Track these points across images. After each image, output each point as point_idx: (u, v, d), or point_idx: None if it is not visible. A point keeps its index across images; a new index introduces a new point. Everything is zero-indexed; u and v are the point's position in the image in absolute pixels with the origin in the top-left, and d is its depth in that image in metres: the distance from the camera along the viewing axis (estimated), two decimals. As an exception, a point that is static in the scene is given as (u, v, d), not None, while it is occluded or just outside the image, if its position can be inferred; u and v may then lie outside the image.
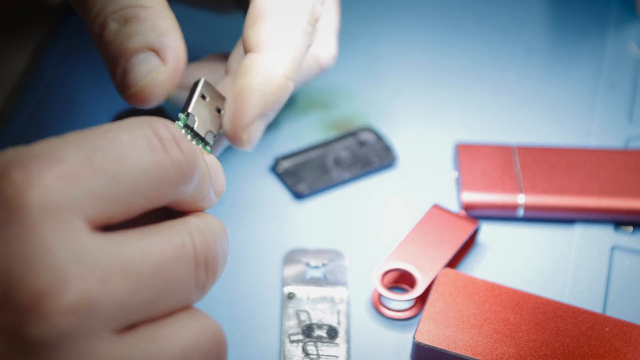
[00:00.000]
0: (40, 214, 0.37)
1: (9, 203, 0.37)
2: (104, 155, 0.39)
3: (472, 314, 0.51)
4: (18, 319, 0.36)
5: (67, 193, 0.38)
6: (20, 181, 0.37)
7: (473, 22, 0.69)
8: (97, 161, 0.38)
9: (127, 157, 0.39)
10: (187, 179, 0.41)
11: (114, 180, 0.39)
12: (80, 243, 0.38)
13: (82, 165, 0.38)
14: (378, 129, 0.62)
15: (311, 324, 0.53)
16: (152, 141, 0.40)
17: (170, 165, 0.40)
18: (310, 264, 0.55)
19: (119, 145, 0.39)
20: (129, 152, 0.39)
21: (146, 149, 0.40)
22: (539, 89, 0.65)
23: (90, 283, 0.37)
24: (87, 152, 0.39)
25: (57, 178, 0.38)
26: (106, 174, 0.38)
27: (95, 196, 0.38)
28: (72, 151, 0.38)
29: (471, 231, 0.56)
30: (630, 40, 0.67)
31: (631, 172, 0.58)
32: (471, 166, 0.59)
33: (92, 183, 0.38)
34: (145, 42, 0.48)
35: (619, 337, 0.51)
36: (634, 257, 0.56)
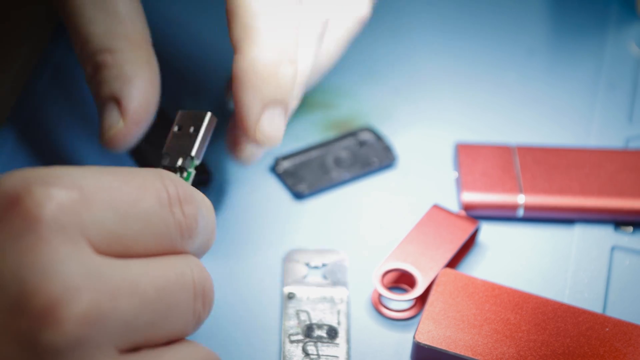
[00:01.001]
0: (55, 229, 0.38)
1: (27, 215, 0.38)
2: (119, 194, 0.40)
3: (472, 314, 0.51)
4: (31, 326, 0.37)
5: (80, 216, 0.39)
6: (41, 196, 0.38)
7: (473, 22, 0.69)
8: (112, 197, 0.40)
9: (138, 203, 0.41)
10: (185, 240, 0.42)
11: (122, 220, 0.40)
12: (91, 259, 0.39)
13: (98, 196, 0.40)
14: (378, 129, 0.62)
15: (311, 324, 0.53)
16: (162, 197, 0.42)
17: (172, 224, 0.42)
18: (310, 264, 0.55)
19: (133, 190, 0.41)
20: (140, 200, 0.41)
21: (155, 202, 0.41)
22: (539, 89, 0.65)
23: (100, 296, 0.38)
24: (104, 186, 0.40)
25: (74, 201, 0.39)
26: (117, 212, 0.40)
27: (104, 228, 0.40)
28: (91, 181, 0.40)
29: (471, 231, 0.56)
30: (631, 40, 0.67)
31: (631, 172, 0.58)
32: (471, 166, 0.59)
33: (104, 215, 0.40)
34: (110, 92, 0.50)
35: (619, 337, 0.51)
36: (634, 257, 0.56)
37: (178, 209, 0.42)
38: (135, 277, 0.40)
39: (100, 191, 0.40)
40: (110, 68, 0.50)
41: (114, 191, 0.40)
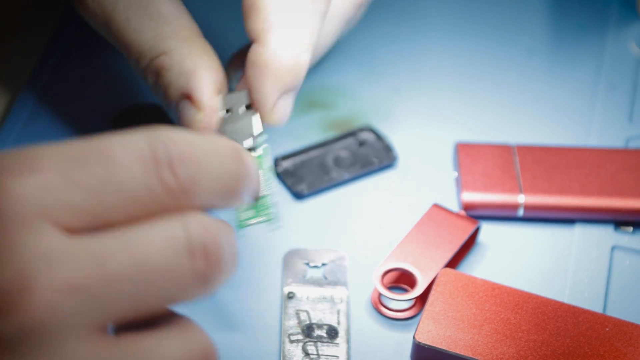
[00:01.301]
0: (11, 220, 0.37)
1: None
2: (88, 171, 0.38)
3: (472, 313, 0.51)
4: None
5: (40, 202, 0.37)
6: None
7: (473, 22, 0.69)
8: (78, 175, 0.38)
9: (114, 177, 0.39)
10: (180, 200, 0.40)
11: (93, 196, 0.38)
12: (50, 244, 0.37)
13: (61, 177, 0.38)
14: (378, 129, 0.62)
15: (311, 324, 0.53)
16: (146, 162, 0.39)
17: (159, 189, 0.39)
18: (310, 264, 0.55)
19: (109, 162, 0.39)
20: (117, 171, 0.39)
21: (137, 170, 0.39)
22: (539, 89, 0.65)
23: (60, 279, 0.37)
24: (70, 165, 0.38)
25: (34, 187, 0.37)
26: (86, 190, 0.38)
27: (72, 208, 0.38)
28: (53, 163, 0.38)
29: (471, 231, 0.56)
30: (631, 40, 0.67)
31: (631, 172, 0.58)
32: (471, 166, 0.59)
33: (69, 195, 0.38)
34: (178, 91, 0.50)
35: (619, 337, 0.51)
36: (634, 257, 0.56)
37: (167, 172, 0.39)
38: (106, 251, 0.38)
39: (66, 170, 0.38)
40: (170, 69, 0.50)
41: (85, 167, 0.38)
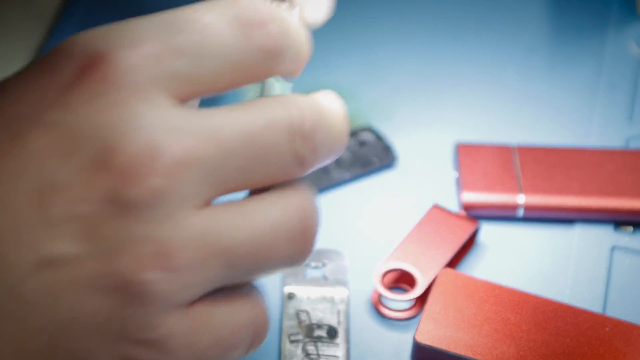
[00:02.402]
0: (132, 88, 0.38)
1: (103, 77, 0.38)
2: (186, 37, 0.40)
3: (472, 314, 0.51)
4: (115, 182, 0.38)
5: (152, 71, 0.39)
6: (114, 57, 0.38)
7: (473, 22, 0.69)
8: (179, 43, 0.39)
9: (209, 41, 0.40)
10: (274, 61, 0.41)
11: (195, 62, 0.39)
12: (169, 114, 0.39)
13: (165, 46, 0.39)
14: (378, 129, 0.62)
15: (311, 324, 0.53)
16: (235, 25, 0.40)
17: (255, 50, 0.40)
18: (310, 264, 0.55)
19: (202, 28, 0.40)
20: (212, 36, 0.40)
21: (228, 33, 0.40)
22: (539, 89, 0.65)
23: (182, 147, 0.38)
24: (170, 34, 0.40)
25: (143, 57, 0.39)
26: (188, 56, 0.39)
27: (179, 76, 0.39)
28: (155, 32, 0.40)
29: (471, 231, 0.56)
30: (631, 40, 0.67)
31: (631, 172, 0.58)
32: (471, 166, 0.59)
33: (175, 63, 0.39)
34: None
35: (618, 337, 0.51)
36: (634, 257, 0.56)
37: (257, 32, 0.40)
38: (218, 124, 0.39)
39: (168, 39, 0.39)
40: None
41: (182, 35, 0.40)
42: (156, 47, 0.39)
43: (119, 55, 0.38)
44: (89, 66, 0.38)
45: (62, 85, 0.38)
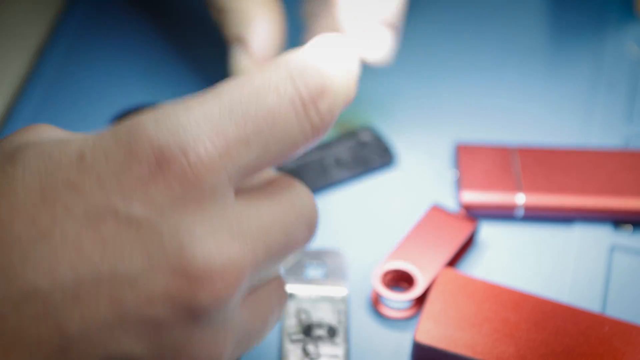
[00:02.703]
0: (206, 192, 0.39)
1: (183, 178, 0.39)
2: (254, 127, 0.40)
3: (472, 313, 0.51)
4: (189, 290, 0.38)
5: (227, 170, 0.39)
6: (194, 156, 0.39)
7: (473, 22, 0.69)
8: (248, 134, 0.40)
9: (275, 129, 0.41)
10: (320, 136, 0.43)
11: (262, 151, 0.41)
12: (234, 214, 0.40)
13: (236, 140, 0.40)
14: (377, 129, 0.62)
15: (311, 324, 0.53)
16: (296, 104, 0.41)
17: (309, 130, 0.42)
18: (310, 264, 0.55)
19: (268, 114, 0.41)
20: (277, 124, 0.41)
21: (292, 114, 0.41)
22: (538, 89, 0.65)
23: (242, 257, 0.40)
24: (239, 124, 0.40)
25: (219, 156, 0.39)
26: (256, 147, 0.40)
27: (247, 168, 0.40)
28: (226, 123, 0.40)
29: (471, 231, 0.56)
30: (630, 40, 0.67)
31: (631, 172, 0.58)
32: (471, 166, 0.59)
33: (245, 158, 0.40)
34: (234, 33, 0.54)
35: (618, 337, 0.51)
36: (634, 257, 0.56)
37: (313, 110, 0.42)
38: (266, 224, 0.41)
39: (242, 129, 0.40)
40: (233, 12, 0.53)
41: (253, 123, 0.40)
42: (229, 142, 0.39)
43: (197, 154, 0.39)
44: (168, 162, 0.38)
45: (140, 177, 0.38)
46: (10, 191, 0.38)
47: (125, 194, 0.38)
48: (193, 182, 0.39)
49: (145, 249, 0.38)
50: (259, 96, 0.41)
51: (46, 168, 0.39)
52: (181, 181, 0.38)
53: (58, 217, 0.38)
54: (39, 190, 0.38)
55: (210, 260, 0.38)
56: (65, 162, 0.39)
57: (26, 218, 0.38)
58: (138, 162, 0.38)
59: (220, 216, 0.39)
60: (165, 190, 0.38)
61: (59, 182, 0.38)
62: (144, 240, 0.38)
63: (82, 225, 0.38)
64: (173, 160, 0.38)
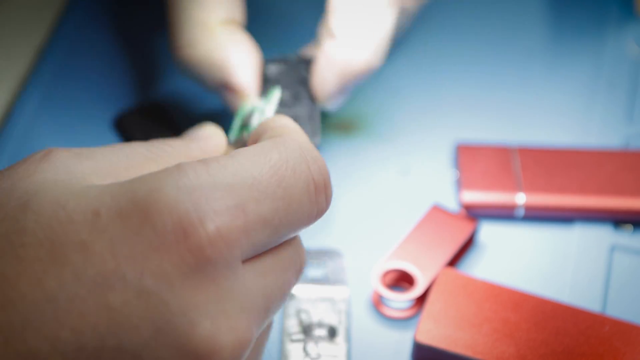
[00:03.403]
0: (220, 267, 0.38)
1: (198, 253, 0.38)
2: (271, 207, 0.40)
3: (472, 313, 0.51)
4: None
5: (242, 248, 0.39)
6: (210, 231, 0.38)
7: (473, 22, 0.69)
8: (264, 213, 0.40)
9: (290, 212, 0.41)
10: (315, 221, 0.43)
11: (274, 232, 0.41)
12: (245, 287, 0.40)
13: (253, 217, 0.40)
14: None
15: (311, 324, 0.53)
16: (310, 190, 0.42)
17: (316, 215, 0.42)
18: (310, 264, 0.55)
19: (284, 195, 0.41)
20: (292, 208, 0.41)
21: (305, 197, 0.41)
22: (538, 89, 0.65)
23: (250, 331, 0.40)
24: (258, 200, 0.40)
25: (236, 234, 0.39)
26: (270, 227, 0.40)
27: (259, 245, 0.40)
28: (245, 197, 0.39)
29: (471, 231, 0.56)
30: (630, 40, 0.68)
31: (631, 172, 0.58)
32: (471, 166, 0.59)
33: (259, 236, 0.40)
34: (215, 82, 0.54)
35: (617, 337, 0.51)
36: (634, 257, 0.57)
37: (323, 198, 0.42)
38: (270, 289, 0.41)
39: (263, 212, 0.40)
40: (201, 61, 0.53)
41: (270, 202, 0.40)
42: (248, 219, 0.39)
43: (217, 228, 0.38)
44: (186, 233, 0.37)
45: (155, 246, 0.37)
46: (20, 244, 0.37)
47: (137, 263, 0.37)
48: (208, 258, 0.38)
49: (153, 323, 0.37)
50: (278, 174, 0.40)
51: (59, 222, 0.37)
52: (196, 255, 0.38)
53: (66, 280, 0.37)
54: (49, 248, 0.37)
55: (219, 339, 0.38)
56: (78, 219, 0.37)
57: (33, 277, 0.37)
58: (154, 230, 0.37)
59: (231, 292, 0.39)
60: (179, 263, 0.37)
61: (70, 242, 0.37)
62: (152, 313, 0.37)
63: (90, 291, 0.37)
64: (191, 233, 0.37)
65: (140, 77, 0.64)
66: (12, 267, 0.37)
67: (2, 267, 0.37)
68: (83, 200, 0.38)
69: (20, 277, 0.37)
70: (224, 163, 0.40)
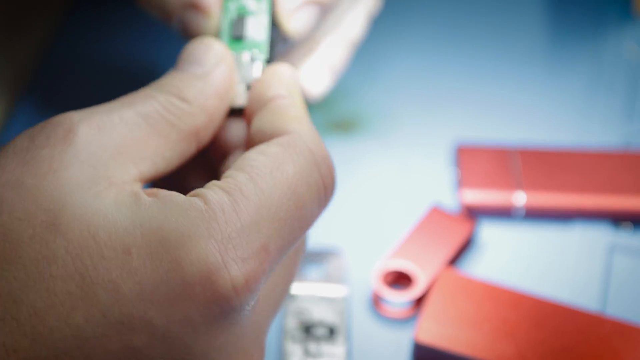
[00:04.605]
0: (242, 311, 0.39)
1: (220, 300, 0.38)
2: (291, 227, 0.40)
3: (472, 313, 0.52)
4: None
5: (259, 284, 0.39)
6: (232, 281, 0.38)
7: (473, 22, 0.69)
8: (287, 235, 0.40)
9: (303, 219, 0.41)
10: None
11: (289, 249, 0.41)
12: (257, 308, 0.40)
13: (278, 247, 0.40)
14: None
15: (311, 323, 0.53)
16: (321, 196, 0.42)
17: (323, 211, 0.42)
18: (310, 264, 0.55)
19: (301, 209, 0.41)
20: (305, 214, 0.41)
21: (316, 205, 0.41)
22: (538, 89, 0.65)
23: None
24: (283, 226, 0.40)
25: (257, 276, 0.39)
26: (287, 248, 0.40)
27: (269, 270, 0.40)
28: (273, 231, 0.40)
29: (471, 231, 0.56)
30: (629, 40, 0.68)
31: (631, 173, 0.58)
32: (471, 166, 0.59)
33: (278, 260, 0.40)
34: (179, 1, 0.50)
35: (617, 337, 0.51)
36: (633, 256, 0.57)
37: (331, 196, 0.42)
38: None
39: (280, 234, 0.40)
40: None
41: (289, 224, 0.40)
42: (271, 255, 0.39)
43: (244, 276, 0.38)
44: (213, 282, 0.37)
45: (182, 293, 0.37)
46: (49, 275, 0.37)
47: (164, 309, 0.37)
48: (234, 305, 0.38)
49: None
50: (295, 194, 0.40)
51: (90, 256, 0.37)
52: (222, 306, 0.38)
53: (94, 318, 0.37)
54: (79, 282, 0.37)
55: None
56: (109, 256, 0.37)
57: (61, 313, 0.37)
58: (183, 279, 0.37)
59: (248, 324, 0.39)
60: (205, 313, 0.38)
61: (101, 279, 0.37)
62: (174, 355, 0.37)
63: (116, 332, 0.37)
64: (219, 285, 0.38)
65: (140, 77, 0.64)
66: (42, 299, 0.37)
67: (33, 299, 0.37)
68: (114, 234, 0.37)
69: (49, 310, 0.37)
70: (248, 194, 0.39)
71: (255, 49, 0.46)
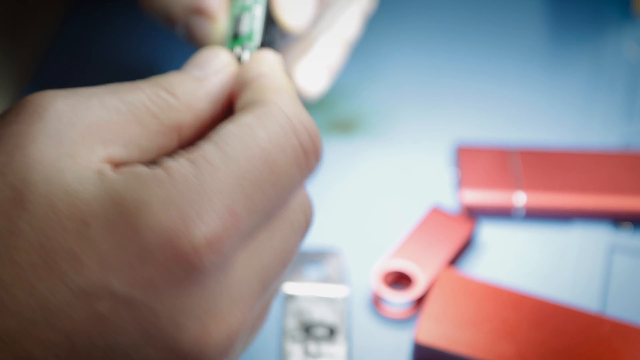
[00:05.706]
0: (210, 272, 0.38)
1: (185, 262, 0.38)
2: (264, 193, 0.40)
3: (472, 313, 0.52)
4: None
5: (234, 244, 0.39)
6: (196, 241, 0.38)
7: (473, 22, 0.69)
8: (258, 201, 0.40)
9: (279, 184, 0.40)
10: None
11: (265, 215, 0.40)
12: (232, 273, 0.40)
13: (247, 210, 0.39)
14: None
15: (311, 324, 0.53)
16: (300, 161, 0.41)
17: (307, 176, 0.42)
18: (310, 264, 0.55)
19: (276, 175, 0.40)
20: (282, 179, 0.40)
21: (296, 171, 0.41)
22: (538, 89, 0.65)
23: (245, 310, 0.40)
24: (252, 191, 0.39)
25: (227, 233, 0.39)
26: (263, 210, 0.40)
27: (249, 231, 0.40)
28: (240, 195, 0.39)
29: (470, 231, 0.56)
30: (629, 40, 0.68)
31: (631, 173, 0.58)
32: (471, 166, 0.59)
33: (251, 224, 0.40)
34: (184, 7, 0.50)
35: (617, 337, 0.51)
36: (634, 257, 0.57)
37: (314, 161, 0.41)
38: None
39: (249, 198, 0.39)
40: None
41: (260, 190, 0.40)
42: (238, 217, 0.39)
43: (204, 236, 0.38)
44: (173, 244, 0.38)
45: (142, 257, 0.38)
46: (14, 247, 0.38)
47: (125, 275, 0.38)
48: (196, 267, 0.38)
49: (141, 326, 0.38)
50: (268, 160, 0.40)
51: (51, 228, 0.38)
52: (184, 266, 0.38)
53: (57, 287, 0.37)
54: (42, 253, 0.37)
55: (207, 339, 0.38)
56: (69, 227, 0.38)
57: (26, 283, 0.37)
58: (142, 244, 0.38)
59: (220, 291, 0.39)
60: (167, 274, 0.38)
61: (61, 250, 0.38)
62: (139, 319, 0.38)
63: (79, 300, 0.37)
64: (178, 245, 0.38)
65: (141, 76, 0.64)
66: (7, 271, 0.37)
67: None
68: (74, 207, 0.38)
69: (14, 281, 0.37)
70: (212, 160, 0.39)
71: (247, 40, 0.46)
